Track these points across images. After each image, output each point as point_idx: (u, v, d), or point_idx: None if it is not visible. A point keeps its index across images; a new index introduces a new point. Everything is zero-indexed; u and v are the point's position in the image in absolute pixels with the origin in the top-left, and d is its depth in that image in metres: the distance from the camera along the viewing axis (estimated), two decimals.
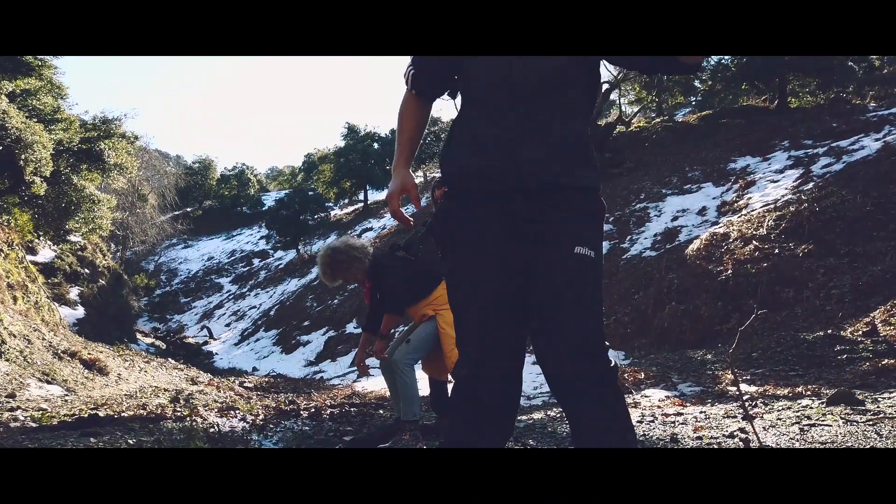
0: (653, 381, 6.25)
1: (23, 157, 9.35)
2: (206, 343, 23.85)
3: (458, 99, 1.92)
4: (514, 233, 1.67)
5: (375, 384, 10.58)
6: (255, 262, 37.27)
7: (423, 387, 4.26)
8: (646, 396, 5.62)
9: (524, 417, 4.57)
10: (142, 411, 4.25)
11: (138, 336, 20.77)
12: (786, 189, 12.42)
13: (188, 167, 51.13)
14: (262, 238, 40.52)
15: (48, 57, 11.53)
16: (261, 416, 4.83)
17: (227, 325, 26.82)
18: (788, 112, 19.57)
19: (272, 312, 24.62)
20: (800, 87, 21.28)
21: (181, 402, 5.95)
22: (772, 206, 11.48)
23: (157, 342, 21.87)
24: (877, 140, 13.03)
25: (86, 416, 3.62)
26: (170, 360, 12.66)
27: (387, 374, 4.07)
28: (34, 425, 3.13)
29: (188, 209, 45.92)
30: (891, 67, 22.70)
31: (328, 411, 5.37)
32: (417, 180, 36.61)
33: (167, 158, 49.38)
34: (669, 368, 6.76)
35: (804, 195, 11.22)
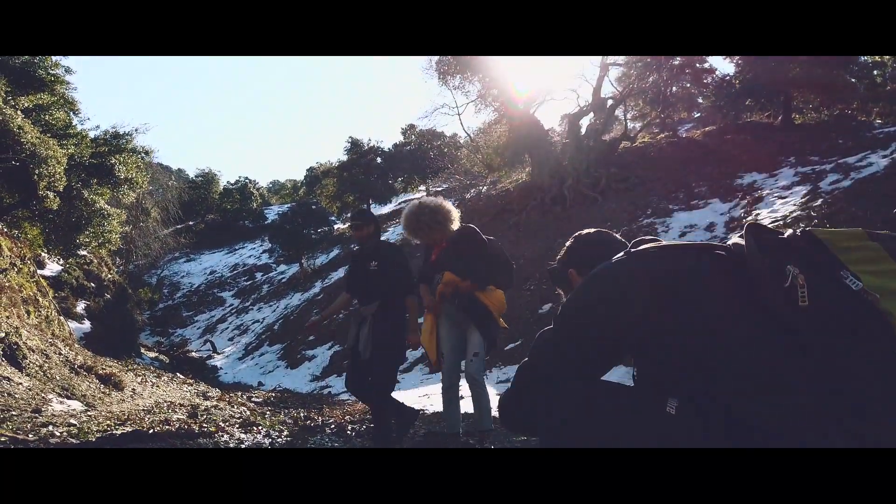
0: None
1: (37, 171, 9.39)
2: (209, 357, 23.77)
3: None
4: None
5: None
6: (258, 275, 37.28)
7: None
8: None
9: None
10: (168, 427, 4.24)
11: (142, 350, 20.70)
12: (794, 205, 12.45)
13: (191, 181, 51.28)
14: (264, 252, 40.58)
15: (60, 72, 11.63)
16: (285, 433, 4.81)
17: (231, 339, 26.78)
18: (793, 128, 19.67)
19: (276, 327, 24.56)
20: (803, 104, 21.40)
21: (200, 417, 5.93)
22: (781, 222, 11.50)
23: (161, 356, 21.79)
24: (884, 157, 13.09)
25: (118, 433, 3.62)
26: (178, 374, 12.62)
27: (449, 393, 4.08)
28: (75, 441, 3.12)
29: (191, 223, 46.02)
30: (893, 84, 22.85)
31: (350, 427, 5.35)
32: (420, 195, 36.64)
33: (169, 172, 49.47)
34: None
35: (814, 211, 11.25)
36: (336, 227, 38.26)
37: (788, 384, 1.26)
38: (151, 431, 3.84)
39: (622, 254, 1.55)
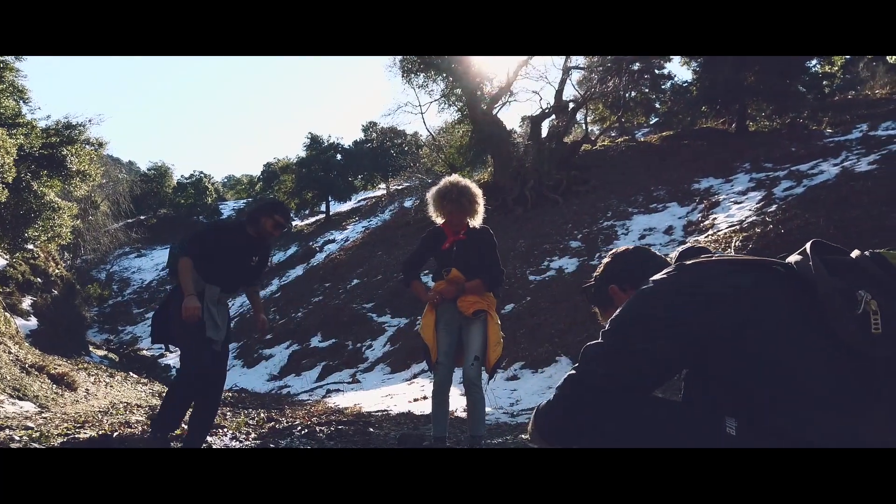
0: None
1: None
2: (162, 356, 23.07)
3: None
4: None
5: (347, 400, 10.44)
6: None
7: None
8: None
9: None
10: (130, 429, 4.07)
11: (91, 348, 19.99)
12: (750, 210, 12.80)
13: (143, 174, 49.88)
14: None
15: (9, 58, 11.11)
16: (252, 435, 4.68)
17: None
18: (748, 135, 20.27)
19: (232, 324, 24.02)
20: (757, 112, 22.07)
21: None
22: (737, 226, 11.81)
23: (111, 355, 21.09)
24: (835, 165, 13.59)
25: (81, 436, 3.44)
26: (132, 374, 12.22)
27: (440, 397, 4.00)
28: (38, 446, 2.95)
29: (142, 217, 44.76)
30: (841, 94, 23.79)
31: (319, 429, 5.25)
32: (379, 193, 36.33)
33: (119, 164, 47.99)
34: None
35: (768, 217, 11.58)
36: (294, 223, 37.74)
37: (859, 411, 1.24)
38: (116, 434, 3.68)
39: (674, 267, 1.52)
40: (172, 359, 22.27)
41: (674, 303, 1.43)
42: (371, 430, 5.47)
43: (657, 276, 1.52)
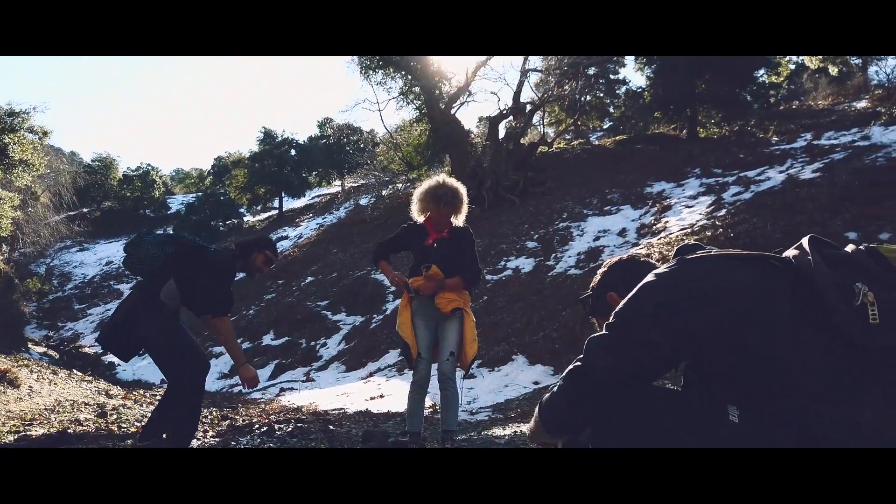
0: None
1: None
2: (105, 353, 22.33)
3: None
4: None
5: (302, 398, 10.31)
6: None
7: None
8: None
9: (500, 433, 4.57)
10: (83, 427, 3.91)
11: (29, 345, 19.18)
12: (700, 214, 13.18)
13: (87, 165, 48.06)
14: None
15: None
16: (210, 433, 4.56)
17: None
18: (698, 141, 20.86)
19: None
20: (707, 119, 22.75)
21: (109, 416, 5.55)
22: (688, 229, 12.13)
23: (51, 352, 20.28)
24: (781, 172, 14.11)
25: (33, 434, 3.29)
26: (76, 371, 11.76)
27: (420, 392, 3.98)
28: None
29: (85, 210, 43.15)
30: (786, 104, 24.71)
31: (278, 427, 5.15)
32: (334, 190, 35.86)
33: (62, 155, 46.15)
34: None
35: (718, 221, 11.93)
36: (246, 219, 37.03)
37: (858, 400, 1.28)
38: (71, 432, 3.53)
39: (676, 261, 1.53)
40: (116, 357, 21.55)
41: (676, 296, 1.45)
42: (331, 427, 5.41)
43: (660, 270, 1.54)
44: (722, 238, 10.90)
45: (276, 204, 38.99)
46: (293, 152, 39.10)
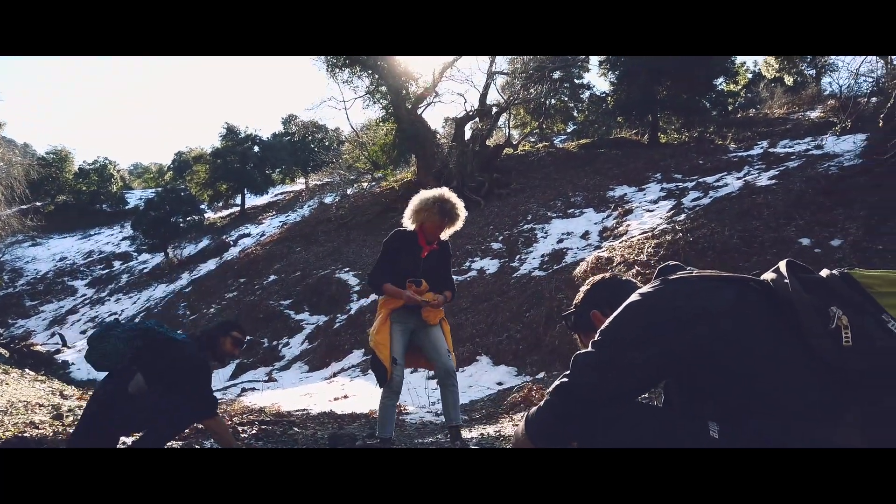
0: None
1: None
2: (58, 352, 21.71)
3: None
4: None
5: (264, 399, 10.18)
6: (116, 264, 34.67)
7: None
8: None
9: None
10: (39, 431, 3.82)
11: None
12: (661, 218, 13.46)
13: (41, 158, 46.56)
14: (124, 239, 37.84)
15: None
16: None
17: (83, 332, 24.65)
18: (659, 147, 21.29)
19: (137, 320, 22.91)
20: (667, 125, 23.24)
21: (66, 418, 5.42)
22: (649, 233, 12.38)
23: (1, 350, 19.60)
24: (738, 179, 14.51)
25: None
26: (28, 371, 11.40)
27: (394, 398, 4.01)
28: None
29: (39, 203, 41.81)
30: (743, 112, 25.41)
31: (242, 429, 5.10)
32: (298, 188, 35.38)
33: (14, 147, 44.57)
34: None
35: (678, 225, 12.20)
36: (207, 215, 36.36)
37: (834, 418, 1.34)
38: (28, 436, 3.43)
39: (660, 281, 1.59)
40: (71, 355, 20.97)
41: (660, 316, 1.51)
42: (296, 429, 5.37)
43: (644, 290, 1.59)
44: (682, 242, 11.15)
45: (238, 201, 38.41)
46: (256, 149, 38.56)
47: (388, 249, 4.15)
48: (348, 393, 9.62)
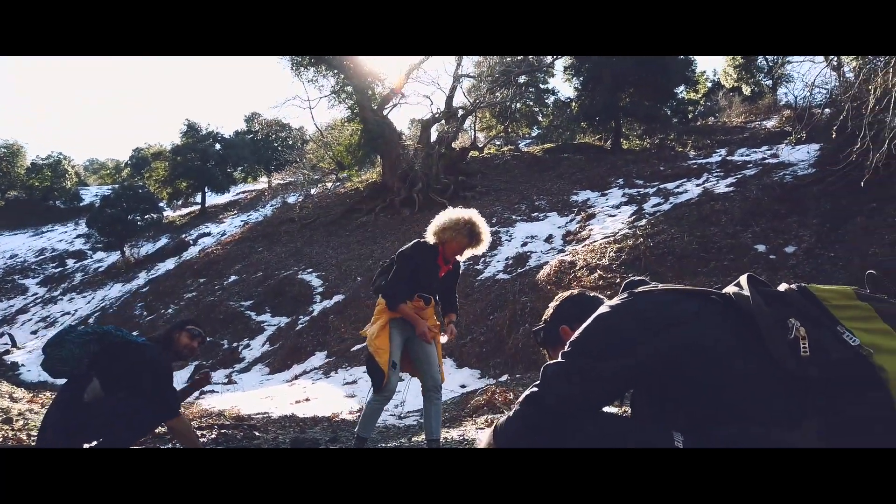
0: None
1: None
2: (7, 352, 20.96)
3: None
4: None
5: (223, 402, 10.00)
6: (70, 262, 33.64)
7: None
8: None
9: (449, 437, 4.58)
10: None
11: None
12: (622, 223, 13.68)
13: None
14: (79, 237, 36.78)
15: None
16: None
17: (34, 332, 23.86)
18: (622, 153, 21.66)
19: (91, 320, 22.30)
20: (630, 131, 23.65)
21: (16, 422, 5.24)
22: (611, 238, 12.57)
23: None
24: (698, 185, 14.85)
25: None
26: None
27: (385, 402, 3.98)
28: None
29: None
30: (703, 120, 26.00)
31: (201, 433, 5.00)
32: (260, 187, 34.88)
33: None
34: None
35: (639, 230, 12.42)
36: (166, 213, 35.58)
37: (794, 425, 1.39)
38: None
39: (627, 294, 1.63)
40: (21, 356, 20.28)
41: (630, 326, 1.55)
42: (257, 433, 5.29)
43: (613, 302, 1.64)
44: (642, 247, 11.35)
45: (198, 199, 37.67)
46: (218, 146, 37.89)
47: (407, 262, 4.02)
48: (310, 396, 9.52)
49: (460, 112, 24.01)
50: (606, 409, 1.65)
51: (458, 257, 4.09)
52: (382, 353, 3.90)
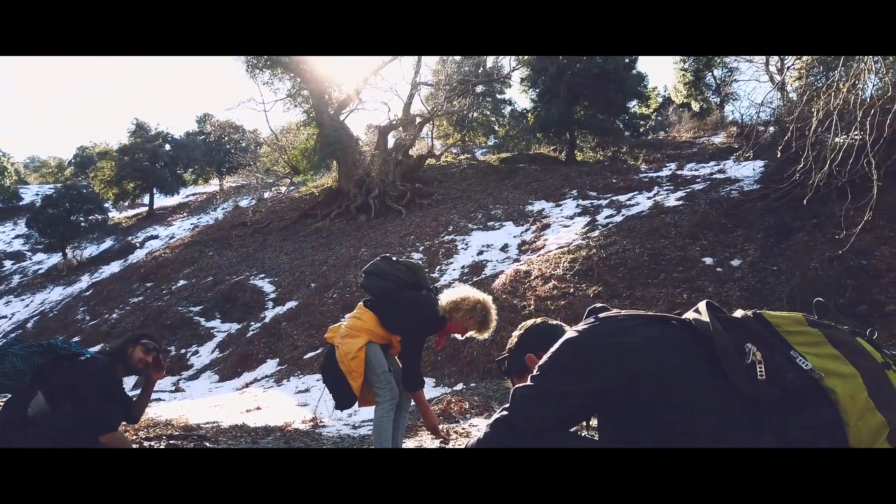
0: (477, 410, 6.59)
1: None
2: None
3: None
4: None
5: (170, 410, 9.72)
6: (7, 264, 32.30)
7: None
8: (473, 426, 5.93)
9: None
10: None
11: None
12: (576, 234, 13.90)
13: None
14: (17, 237, 35.33)
15: None
16: None
17: None
18: (576, 164, 22.04)
19: (30, 324, 21.42)
20: (584, 143, 24.10)
21: None
22: (565, 248, 12.76)
23: None
24: (649, 198, 15.22)
25: None
26: None
27: (392, 412, 3.95)
28: None
29: None
30: (654, 134, 26.70)
31: (148, 444, 4.83)
32: (212, 189, 34.10)
33: None
34: (490, 398, 7.18)
35: (592, 241, 12.64)
36: (111, 215, 34.46)
37: (749, 444, 1.45)
38: None
39: (593, 318, 1.69)
40: None
41: (596, 350, 1.61)
42: (207, 444, 5.15)
43: (579, 327, 1.69)
44: (595, 258, 11.56)
45: (146, 200, 36.64)
46: (168, 147, 37.00)
47: (426, 337, 4.10)
48: (261, 405, 9.34)
49: (418, 119, 24.04)
50: (573, 430, 1.71)
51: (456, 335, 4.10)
52: (356, 378, 3.87)
